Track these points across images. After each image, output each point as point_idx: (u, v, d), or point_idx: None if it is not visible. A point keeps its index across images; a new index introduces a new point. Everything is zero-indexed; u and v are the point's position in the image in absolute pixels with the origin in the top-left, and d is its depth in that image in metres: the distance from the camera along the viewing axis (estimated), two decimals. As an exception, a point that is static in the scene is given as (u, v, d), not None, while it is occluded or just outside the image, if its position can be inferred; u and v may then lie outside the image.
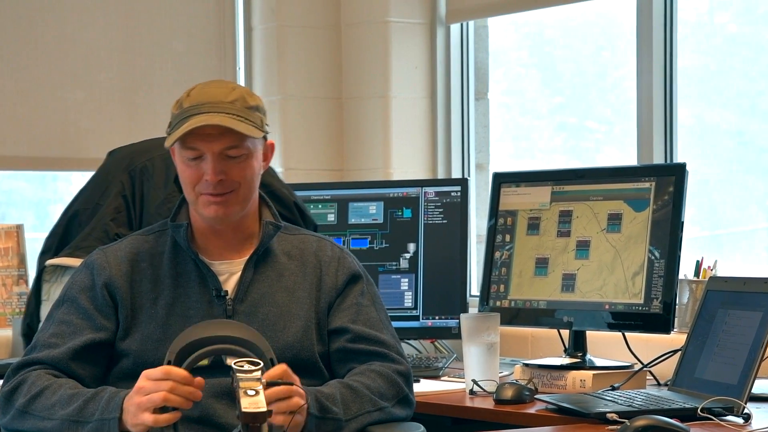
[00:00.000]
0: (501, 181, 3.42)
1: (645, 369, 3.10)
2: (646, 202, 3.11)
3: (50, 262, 2.82)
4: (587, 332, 3.19)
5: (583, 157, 4.18)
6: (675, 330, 3.14)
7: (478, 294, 3.47)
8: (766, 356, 2.61)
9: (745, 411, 2.55)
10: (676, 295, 3.04)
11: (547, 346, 3.52)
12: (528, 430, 2.65)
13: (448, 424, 3.18)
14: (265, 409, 2.16)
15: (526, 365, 3.17)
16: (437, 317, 3.61)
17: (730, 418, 2.56)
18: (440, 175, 4.30)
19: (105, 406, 2.37)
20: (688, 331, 2.84)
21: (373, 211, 3.68)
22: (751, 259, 3.72)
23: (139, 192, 2.81)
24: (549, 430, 2.68)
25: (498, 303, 3.34)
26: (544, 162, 4.31)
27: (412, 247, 3.65)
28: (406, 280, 3.63)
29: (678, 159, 3.69)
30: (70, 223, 2.87)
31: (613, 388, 2.94)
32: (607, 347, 3.30)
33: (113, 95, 4.19)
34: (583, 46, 4.22)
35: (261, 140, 2.56)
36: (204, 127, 2.46)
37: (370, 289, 2.66)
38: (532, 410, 2.82)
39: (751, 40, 3.75)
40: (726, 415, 2.57)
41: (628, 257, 3.10)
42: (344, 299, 2.62)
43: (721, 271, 3.32)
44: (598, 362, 3.14)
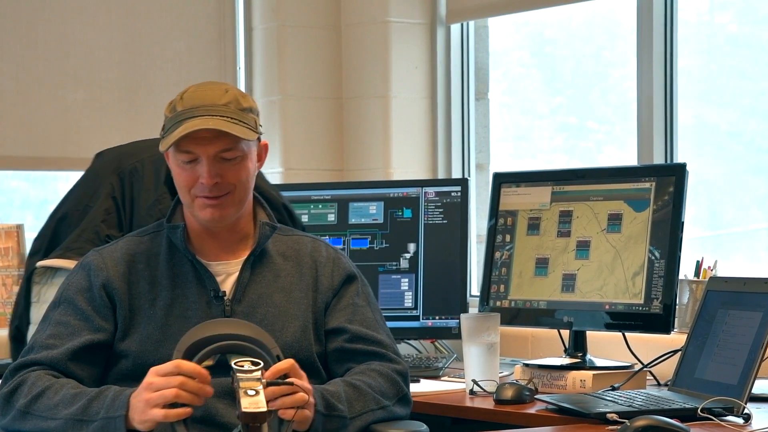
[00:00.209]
0: (501, 181, 3.42)
1: (645, 369, 3.10)
2: (646, 203, 3.11)
3: (41, 263, 2.80)
4: (587, 332, 3.19)
5: (584, 158, 4.18)
6: (675, 330, 3.14)
7: (478, 294, 3.47)
8: (766, 356, 2.60)
9: (745, 411, 2.55)
10: (676, 295, 3.04)
11: (547, 347, 3.52)
12: (528, 430, 2.64)
13: (448, 424, 3.18)
14: (265, 408, 2.16)
15: (526, 365, 3.17)
16: (437, 317, 3.61)
17: (730, 418, 2.56)
18: (440, 175, 4.30)
19: (110, 404, 2.36)
20: (688, 332, 2.84)
21: (373, 211, 3.68)
22: (751, 259, 3.72)
23: (129, 194, 2.80)
24: (549, 431, 2.68)
25: (498, 303, 3.34)
26: (544, 162, 4.31)
27: (412, 247, 3.64)
28: (406, 280, 3.63)
29: (678, 159, 3.69)
30: (59, 224, 2.84)
31: (614, 389, 2.94)
32: (607, 347, 3.30)
33: (113, 95, 4.18)
34: (583, 46, 4.22)
35: (255, 141, 2.56)
36: (198, 130, 2.47)
37: (364, 290, 2.68)
38: (532, 410, 2.82)
39: (752, 41, 3.75)
40: (726, 416, 2.56)
41: (629, 257, 3.10)
42: (340, 299, 2.63)
43: (722, 272, 3.32)
44: (598, 362, 3.14)
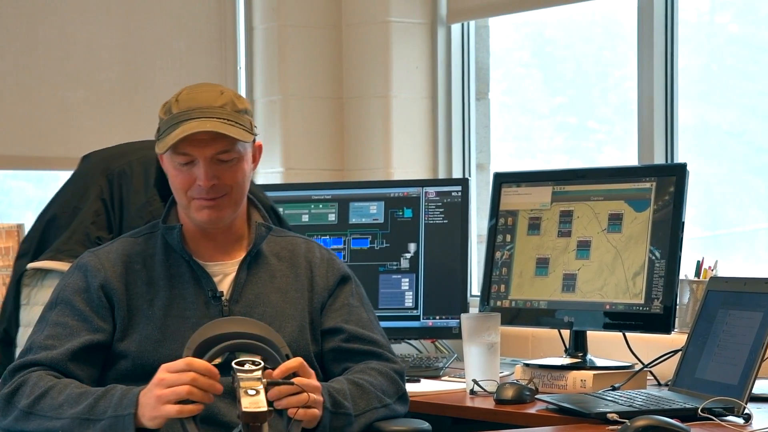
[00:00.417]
0: (502, 181, 3.42)
1: (645, 369, 3.10)
2: (646, 203, 3.11)
3: (31, 265, 2.78)
4: (588, 332, 3.19)
5: (584, 157, 4.18)
6: (675, 330, 3.13)
7: (478, 294, 3.47)
8: (766, 356, 2.60)
9: (746, 411, 2.55)
10: (676, 295, 3.04)
11: (548, 346, 3.52)
12: (528, 430, 2.64)
13: (448, 424, 3.18)
14: (265, 408, 2.17)
15: (527, 365, 3.17)
16: (438, 317, 3.61)
17: (730, 418, 2.56)
18: (441, 175, 4.30)
19: (118, 403, 2.36)
20: (689, 332, 2.84)
21: (373, 211, 3.68)
22: (751, 259, 3.72)
23: (118, 195, 2.79)
24: (549, 430, 2.68)
25: (498, 303, 3.34)
26: (544, 162, 4.30)
27: (412, 247, 3.64)
28: (407, 280, 3.63)
29: (679, 159, 3.69)
30: (48, 227, 2.83)
31: (614, 388, 2.94)
32: (607, 347, 3.30)
33: (114, 95, 4.18)
34: (584, 46, 4.22)
35: (250, 143, 2.57)
36: (195, 132, 2.47)
37: (358, 290, 2.71)
38: (532, 410, 2.82)
39: (752, 41, 3.75)
40: (726, 416, 2.56)
41: (629, 257, 3.10)
42: (335, 300, 2.65)
43: (722, 272, 3.32)
44: (599, 362, 3.14)
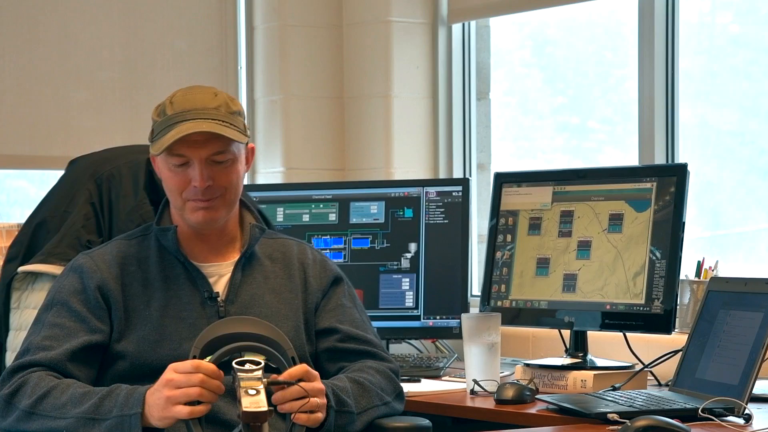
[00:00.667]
0: (502, 181, 3.42)
1: (646, 369, 3.10)
2: (647, 203, 3.11)
3: (23, 268, 2.78)
4: (588, 332, 3.19)
5: (585, 158, 4.18)
6: (676, 330, 3.13)
7: (479, 294, 3.47)
8: (766, 357, 2.60)
9: (746, 411, 2.55)
10: (677, 295, 3.04)
11: (548, 347, 3.52)
12: (529, 430, 2.64)
13: (448, 423, 3.18)
14: (265, 408, 2.17)
15: (527, 365, 3.17)
16: (438, 317, 3.61)
17: (731, 418, 2.56)
18: (441, 175, 4.30)
19: (124, 402, 2.36)
20: (689, 332, 2.84)
21: (374, 211, 3.68)
22: (752, 259, 3.72)
23: (107, 199, 2.80)
24: (550, 431, 2.68)
25: (499, 303, 3.34)
26: (545, 162, 4.30)
27: (413, 246, 3.64)
28: (407, 279, 3.63)
29: (679, 159, 3.69)
30: (37, 231, 2.83)
31: (614, 389, 2.94)
32: (607, 347, 3.30)
33: (115, 94, 4.18)
34: (585, 46, 4.22)
35: (244, 145, 2.59)
36: (191, 134, 2.48)
37: (350, 291, 2.74)
38: (532, 410, 2.82)
39: (753, 41, 3.75)
40: (727, 416, 2.56)
41: (630, 257, 3.10)
42: (329, 301, 2.68)
43: (723, 272, 3.32)
44: (599, 362, 3.14)
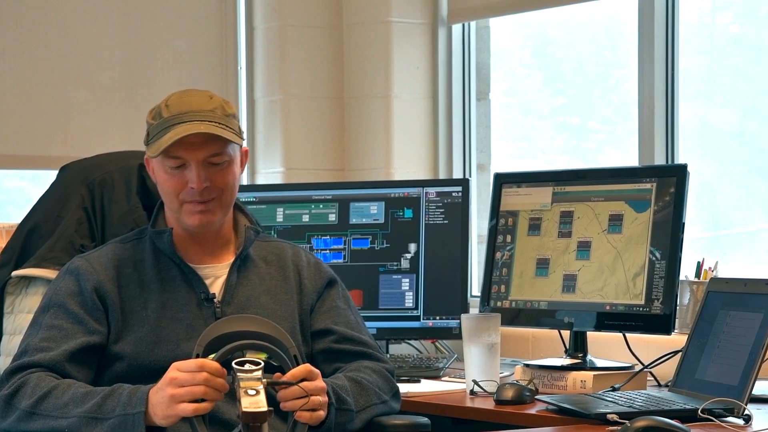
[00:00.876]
0: (502, 181, 3.42)
1: (645, 370, 3.10)
2: (647, 203, 3.11)
3: (16, 272, 2.78)
4: (588, 333, 3.19)
5: (585, 158, 4.18)
6: (676, 331, 3.13)
7: (478, 294, 3.47)
8: (766, 357, 2.60)
9: (746, 412, 2.55)
10: (676, 296, 3.04)
11: (548, 347, 3.52)
12: (529, 431, 2.65)
13: (448, 424, 3.18)
14: (265, 408, 2.17)
15: (527, 366, 3.17)
16: (438, 317, 3.61)
17: (730, 419, 2.56)
18: (441, 176, 4.30)
19: (127, 401, 2.37)
20: (689, 332, 2.84)
21: (374, 211, 3.68)
22: (752, 260, 3.72)
23: (99, 204, 2.81)
24: (550, 431, 2.68)
25: (499, 303, 3.34)
26: (545, 162, 4.30)
27: (413, 247, 3.64)
28: (407, 280, 3.63)
29: (679, 160, 3.69)
30: (29, 236, 2.84)
31: (614, 389, 2.94)
32: (607, 348, 3.30)
33: (115, 94, 4.18)
34: (584, 46, 4.22)
35: (239, 147, 2.60)
36: (188, 135, 2.49)
37: (344, 294, 2.76)
38: (532, 411, 2.82)
39: (753, 41, 3.75)
40: (726, 417, 2.56)
41: (629, 258, 3.10)
42: (324, 302, 2.70)
43: (722, 273, 3.32)
44: (599, 363, 3.14)
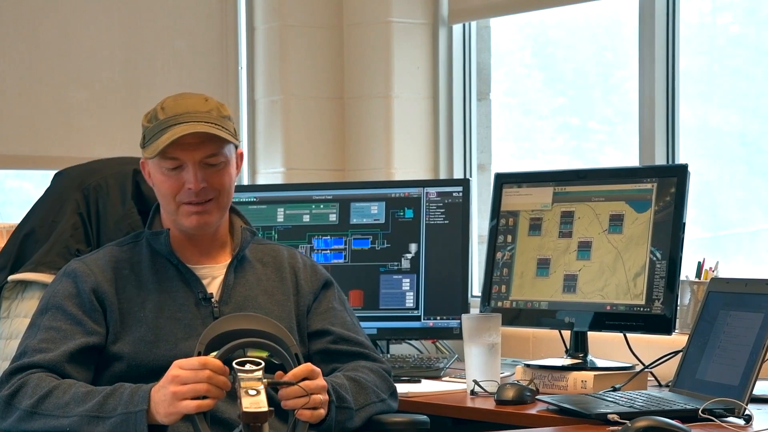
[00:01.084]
0: (503, 181, 3.42)
1: (646, 370, 3.10)
2: (647, 203, 3.11)
3: (12, 277, 2.79)
4: (588, 333, 3.19)
5: (585, 158, 4.18)
6: (676, 331, 3.13)
7: (479, 294, 3.47)
8: (767, 358, 2.60)
9: (746, 412, 2.55)
10: (677, 296, 3.04)
11: (549, 347, 3.52)
12: (529, 431, 2.65)
13: (448, 424, 3.18)
14: (266, 408, 2.17)
15: (528, 366, 3.17)
16: (438, 318, 3.61)
17: (731, 419, 2.56)
18: (442, 176, 4.30)
19: (129, 399, 2.37)
20: (690, 333, 2.84)
21: (374, 211, 3.68)
22: (753, 260, 3.72)
23: (95, 209, 2.82)
24: (550, 431, 2.68)
25: (499, 303, 3.34)
26: (545, 162, 4.30)
27: (413, 247, 3.64)
28: (408, 280, 3.63)
29: (680, 160, 3.68)
30: (25, 241, 2.85)
31: (615, 389, 2.94)
32: (608, 348, 3.30)
33: (115, 95, 4.19)
34: (585, 46, 4.22)
35: (234, 149, 2.62)
36: (185, 136, 2.50)
37: (340, 295, 2.77)
38: (533, 411, 2.82)
39: (754, 41, 3.75)
40: (727, 417, 2.56)
41: (630, 258, 3.10)
42: (320, 303, 2.72)
43: (723, 273, 3.32)
44: (600, 363, 3.14)
